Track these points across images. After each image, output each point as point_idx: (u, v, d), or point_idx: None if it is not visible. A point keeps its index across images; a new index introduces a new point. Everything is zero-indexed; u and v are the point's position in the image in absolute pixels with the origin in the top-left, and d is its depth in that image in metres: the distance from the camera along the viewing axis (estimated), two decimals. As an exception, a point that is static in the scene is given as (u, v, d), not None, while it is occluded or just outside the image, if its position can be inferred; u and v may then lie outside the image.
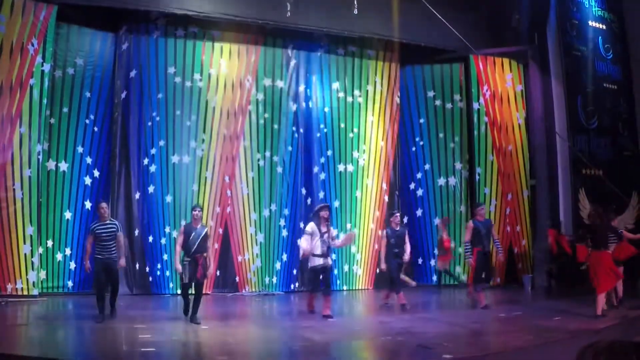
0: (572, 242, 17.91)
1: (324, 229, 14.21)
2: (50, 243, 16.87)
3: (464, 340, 10.94)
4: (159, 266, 17.83)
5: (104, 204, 13.51)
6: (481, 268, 15.28)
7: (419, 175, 21.08)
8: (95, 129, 17.76)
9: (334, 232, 14.84)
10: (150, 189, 17.99)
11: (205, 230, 13.41)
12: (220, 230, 18.29)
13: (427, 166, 21.06)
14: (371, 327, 12.90)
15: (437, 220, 20.21)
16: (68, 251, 17.03)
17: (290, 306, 16.51)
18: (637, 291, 17.30)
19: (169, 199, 18.17)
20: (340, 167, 20.21)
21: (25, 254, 15.40)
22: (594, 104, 20.89)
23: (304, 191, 19.75)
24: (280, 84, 19.69)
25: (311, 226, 14.30)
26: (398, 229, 15.81)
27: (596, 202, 17.92)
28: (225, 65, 18.96)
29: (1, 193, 15.16)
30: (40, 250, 16.28)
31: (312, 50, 20.21)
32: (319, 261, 14.12)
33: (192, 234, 13.03)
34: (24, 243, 15.41)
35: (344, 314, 15.60)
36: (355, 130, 20.46)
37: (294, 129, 19.74)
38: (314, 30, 19.31)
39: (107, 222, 13.23)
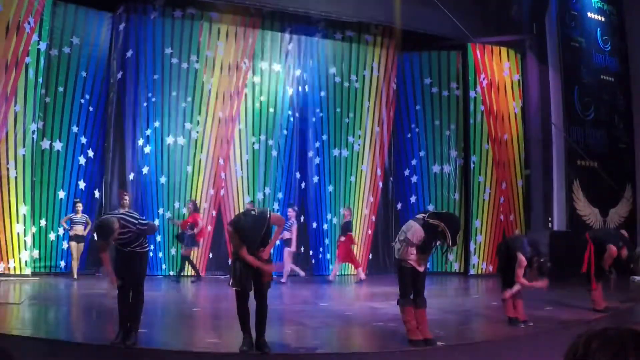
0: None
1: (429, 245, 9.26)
2: (43, 222, 16.84)
3: (456, 328, 10.96)
4: (152, 247, 17.79)
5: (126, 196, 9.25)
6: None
7: (413, 162, 21.05)
8: (91, 108, 17.72)
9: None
10: (145, 170, 17.98)
11: (267, 217, 8.71)
12: (214, 213, 18.27)
13: (422, 153, 21.04)
14: (363, 313, 12.89)
15: (343, 210, 19.39)
16: (61, 231, 16.99)
17: (282, 290, 16.48)
18: (628, 285, 17.38)
19: (163, 180, 18.17)
20: (335, 152, 20.22)
21: (18, 233, 15.40)
22: (591, 95, 20.88)
23: (298, 175, 19.75)
24: (277, 67, 19.66)
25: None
26: None
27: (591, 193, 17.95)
28: (222, 47, 18.94)
29: (-5, 172, 15.14)
30: (34, 229, 16.27)
31: (309, 35, 20.17)
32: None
33: (249, 229, 8.50)
34: (17, 222, 15.41)
35: (336, 299, 15.63)
36: (351, 115, 20.46)
37: (289, 112, 19.72)
38: (312, 14, 19.28)
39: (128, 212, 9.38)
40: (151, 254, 17.52)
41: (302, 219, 19.60)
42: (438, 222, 9.07)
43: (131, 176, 17.99)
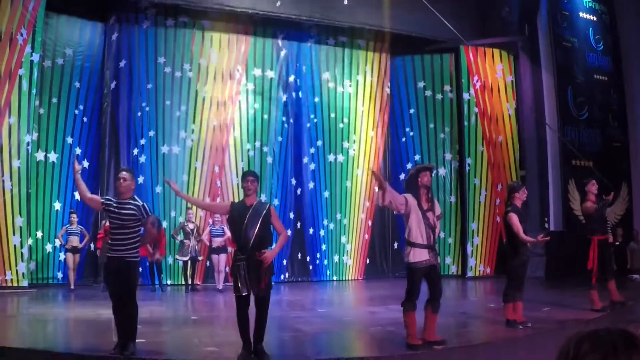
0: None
1: (425, 205, 9.15)
2: (39, 234, 16.84)
3: (453, 331, 10.95)
4: (148, 258, 17.76)
5: (125, 173, 8.77)
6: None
7: (408, 166, 21.00)
8: (85, 119, 17.73)
9: (439, 210, 9.44)
10: (140, 179, 17.94)
11: (267, 208, 8.52)
12: (210, 221, 18.23)
13: (417, 157, 21.06)
14: (361, 317, 12.89)
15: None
16: (57, 242, 16.95)
17: (280, 296, 16.47)
18: (626, 284, 17.39)
19: (158, 189, 18.17)
20: (331, 158, 20.23)
21: (14, 245, 15.36)
22: (584, 95, 20.91)
23: (293, 181, 19.77)
24: (270, 74, 19.68)
25: (409, 199, 9.13)
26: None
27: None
28: (215, 55, 18.96)
29: (-10, 184, 15.13)
30: (30, 241, 16.24)
31: (302, 41, 20.21)
32: (421, 255, 8.94)
33: (246, 216, 8.29)
34: (14, 234, 15.36)
35: (334, 304, 15.64)
36: (346, 120, 20.48)
37: (284, 119, 19.74)
38: (304, 20, 19.32)
39: (126, 201, 8.51)
40: (148, 264, 17.45)
41: (298, 225, 19.66)
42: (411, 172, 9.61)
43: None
